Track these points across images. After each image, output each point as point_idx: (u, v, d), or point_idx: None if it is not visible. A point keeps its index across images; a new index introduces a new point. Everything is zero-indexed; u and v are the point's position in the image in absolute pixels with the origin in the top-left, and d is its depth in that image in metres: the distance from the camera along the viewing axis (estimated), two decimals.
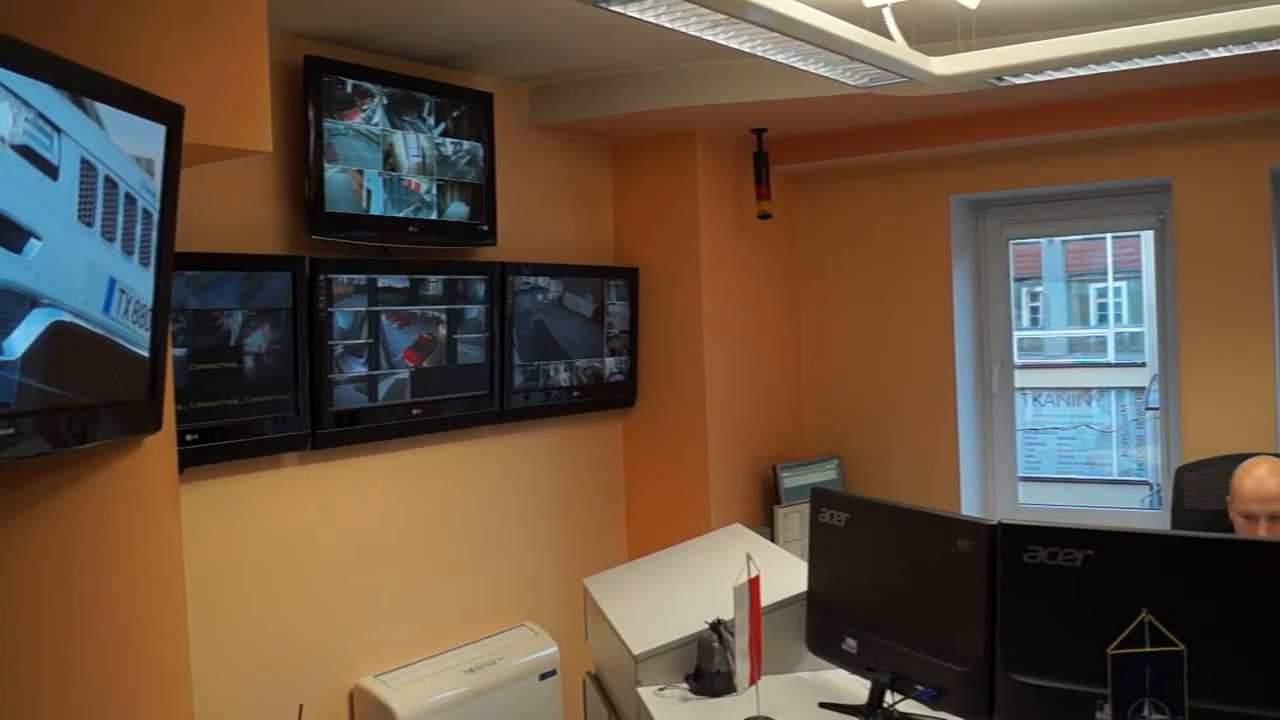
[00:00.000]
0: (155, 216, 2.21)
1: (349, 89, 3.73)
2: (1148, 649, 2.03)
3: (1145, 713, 2.04)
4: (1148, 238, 5.19)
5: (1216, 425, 4.61)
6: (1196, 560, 2.31)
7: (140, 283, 2.18)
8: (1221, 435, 4.43)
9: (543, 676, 4.31)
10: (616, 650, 3.23)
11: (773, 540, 4.91)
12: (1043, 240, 7.83)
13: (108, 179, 2.02)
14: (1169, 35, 2.90)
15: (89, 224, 1.97)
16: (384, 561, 4.04)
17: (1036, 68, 3.10)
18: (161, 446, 2.48)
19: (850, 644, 2.87)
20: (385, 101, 3.84)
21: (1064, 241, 8.60)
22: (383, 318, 3.89)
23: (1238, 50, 2.97)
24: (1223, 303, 4.66)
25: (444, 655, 4.15)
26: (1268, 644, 2.17)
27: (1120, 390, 8.67)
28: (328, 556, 3.85)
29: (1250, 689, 2.17)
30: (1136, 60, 3.05)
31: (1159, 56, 3.02)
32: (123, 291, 2.11)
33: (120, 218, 2.08)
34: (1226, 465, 3.74)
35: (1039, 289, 9.14)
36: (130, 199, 2.11)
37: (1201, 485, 3.83)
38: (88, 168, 1.95)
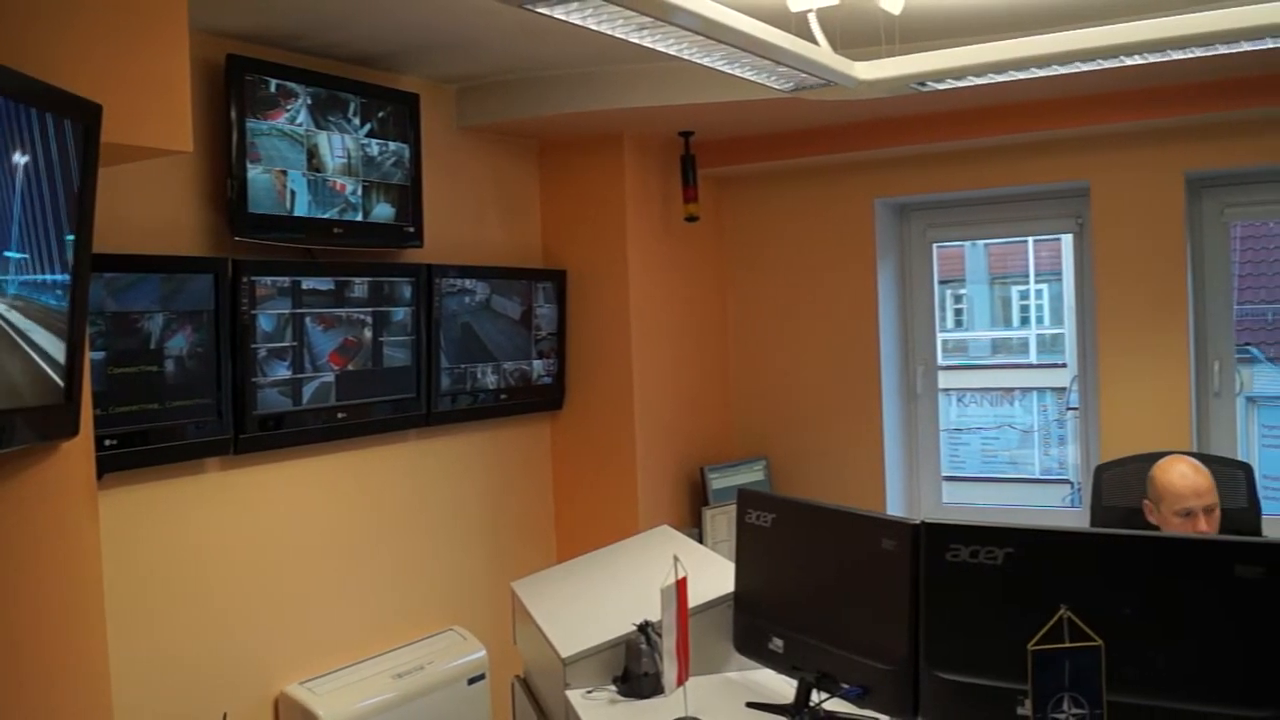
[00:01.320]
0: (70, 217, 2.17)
1: (272, 89, 3.69)
2: (1067, 645, 2.06)
3: (1065, 707, 2.07)
4: (1067, 241, 5.29)
5: (1133, 424, 4.71)
6: (1114, 557, 2.35)
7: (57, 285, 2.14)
8: (1138, 434, 4.52)
9: (471, 681, 4.29)
10: (545, 653, 3.23)
11: (701, 541, 4.93)
12: (966, 243, 7.95)
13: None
14: (1086, 43, 2.96)
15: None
16: (309, 567, 3.99)
17: (958, 73, 3.14)
18: (79, 452, 2.43)
19: (777, 644, 2.89)
20: (309, 101, 3.80)
21: (987, 244, 8.73)
22: (307, 320, 3.85)
23: (1152, 58, 3.04)
24: (1139, 304, 4.75)
25: (371, 661, 4.12)
26: (1182, 639, 2.22)
27: (1042, 391, 8.83)
28: (252, 562, 3.80)
29: (1166, 683, 2.21)
30: (1055, 67, 3.11)
31: (1077, 63, 3.08)
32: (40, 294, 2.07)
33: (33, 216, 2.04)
34: (1144, 463, 3.82)
35: (963, 291, 9.27)
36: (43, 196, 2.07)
37: (1119, 483, 3.90)
38: None
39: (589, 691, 3.03)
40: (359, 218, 3.99)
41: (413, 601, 4.40)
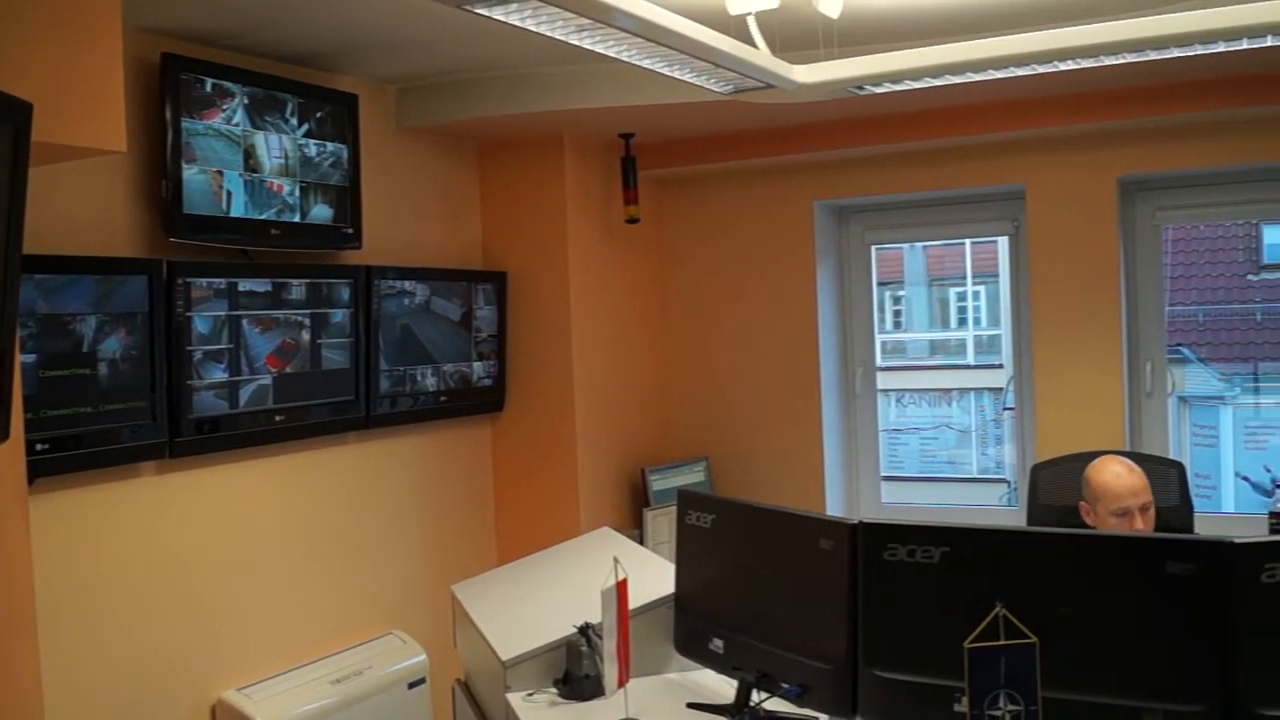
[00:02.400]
0: None
1: (208, 88, 3.64)
2: (1002, 642, 2.09)
3: (1001, 704, 2.10)
4: (1004, 243, 5.35)
5: (1068, 424, 4.77)
6: (1049, 556, 2.39)
7: None
8: (1073, 434, 4.58)
9: (411, 685, 4.26)
10: (485, 656, 3.22)
11: (642, 543, 4.94)
12: (904, 245, 8.02)
13: None
14: (1021, 48, 3.00)
15: None
16: (247, 572, 3.95)
17: (895, 77, 3.17)
18: (9, 456, 2.39)
19: (717, 644, 2.90)
20: (246, 101, 3.76)
21: (925, 247, 8.81)
22: (244, 322, 3.81)
23: (1086, 63, 3.08)
24: (1073, 306, 4.82)
25: (310, 666, 4.08)
26: (1116, 636, 2.26)
27: (979, 391, 8.90)
28: (188, 568, 3.75)
29: (1100, 679, 2.25)
30: (991, 71, 3.14)
31: (1012, 68, 3.12)
32: None
33: None
34: (1078, 462, 3.87)
35: (901, 293, 9.33)
36: None
37: (1055, 482, 3.96)
38: None
39: (529, 694, 3.02)
40: (297, 219, 3.95)
41: (352, 606, 4.36)
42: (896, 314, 9.43)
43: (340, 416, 4.22)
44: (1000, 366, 6.17)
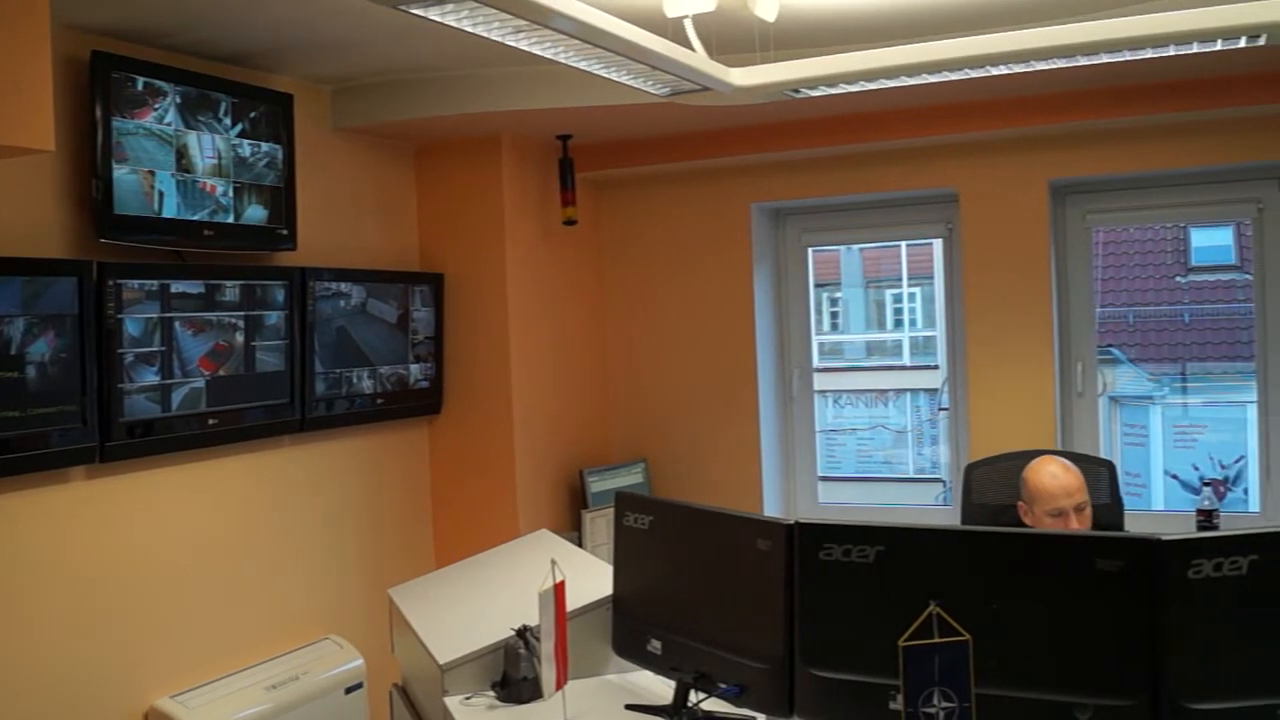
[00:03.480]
0: None
1: (139, 87, 3.59)
2: (936, 640, 2.11)
3: (935, 701, 2.12)
4: (938, 245, 5.41)
5: (1001, 424, 4.84)
6: (981, 553, 2.42)
7: None
8: (1006, 433, 4.65)
9: (349, 690, 4.23)
10: (422, 660, 3.20)
11: (581, 545, 4.94)
12: (841, 247, 8.08)
13: None
14: (954, 53, 3.03)
15: None
16: (181, 577, 3.90)
17: (831, 80, 3.20)
18: None
19: (655, 645, 2.90)
20: (179, 100, 3.71)
21: (861, 249, 8.89)
22: (176, 324, 3.76)
23: (1018, 68, 3.13)
24: (1005, 308, 4.89)
25: (245, 672, 4.04)
26: (1047, 632, 2.29)
27: (915, 392, 9.00)
28: (120, 574, 3.69)
29: (1032, 675, 2.28)
30: (925, 75, 3.18)
31: (945, 72, 3.15)
32: None
33: None
34: (1011, 461, 3.92)
35: (838, 294, 9.42)
36: None
37: (989, 481, 4.00)
38: None
39: (467, 698, 3.01)
40: (230, 219, 3.91)
41: (288, 611, 4.32)
42: (833, 315, 9.51)
43: (275, 420, 4.17)
44: (936, 367, 6.24)
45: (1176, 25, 2.82)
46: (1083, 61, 3.08)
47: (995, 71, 3.15)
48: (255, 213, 4.00)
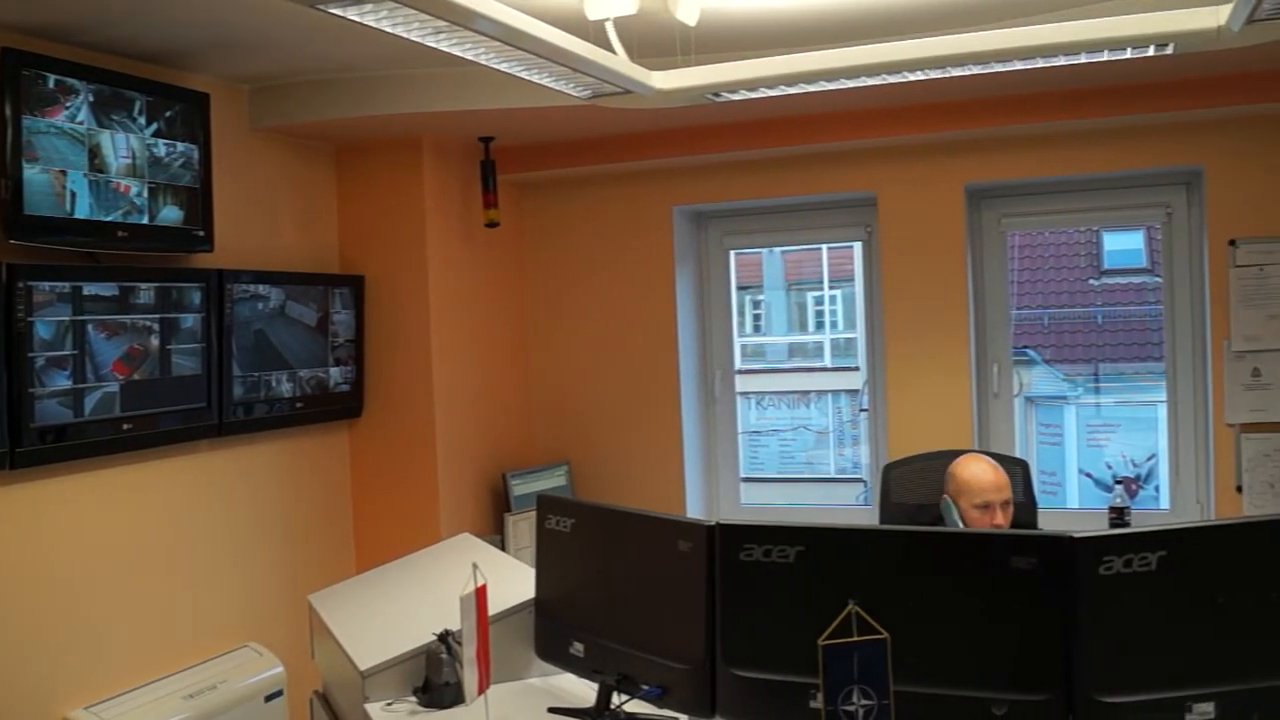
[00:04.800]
0: None
1: (51, 84, 3.51)
2: (855, 639, 2.14)
3: (854, 699, 2.14)
4: (858, 248, 5.47)
5: (919, 425, 4.91)
6: (899, 553, 2.46)
7: None
8: (924, 434, 4.72)
9: (269, 698, 4.18)
10: (343, 667, 3.17)
11: (504, 548, 4.92)
12: (763, 250, 8.13)
13: None
14: (870, 58, 3.08)
15: None
16: (95, 585, 3.82)
17: (751, 84, 3.22)
18: None
19: (578, 648, 2.90)
20: (92, 99, 3.64)
21: (783, 251, 8.95)
22: (89, 327, 3.68)
23: (934, 74, 3.17)
24: (923, 310, 4.96)
25: (162, 681, 3.97)
26: (964, 629, 2.33)
27: (836, 393, 9.07)
28: (32, 582, 3.61)
29: (949, 671, 2.32)
30: (843, 80, 3.22)
31: (863, 77, 3.20)
32: None
33: None
34: (928, 462, 3.99)
35: (761, 297, 9.46)
36: None
37: (906, 481, 4.06)
38: None
39: (389, 704, 2.99)
40: (145, 220, 3.84)
41: (206, 618, 4.25)
42: (756, 318, 9.55)
43: (192, 424, 4.11)
44: (856, 369, 6.29)
45: (1087, 34, 2.88)
46: (997, 68, 3.14)
47: (912, 77, 3.20)
48: (171, 214, 3.94)
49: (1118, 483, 4.99)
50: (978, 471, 3.64)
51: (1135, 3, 3.33)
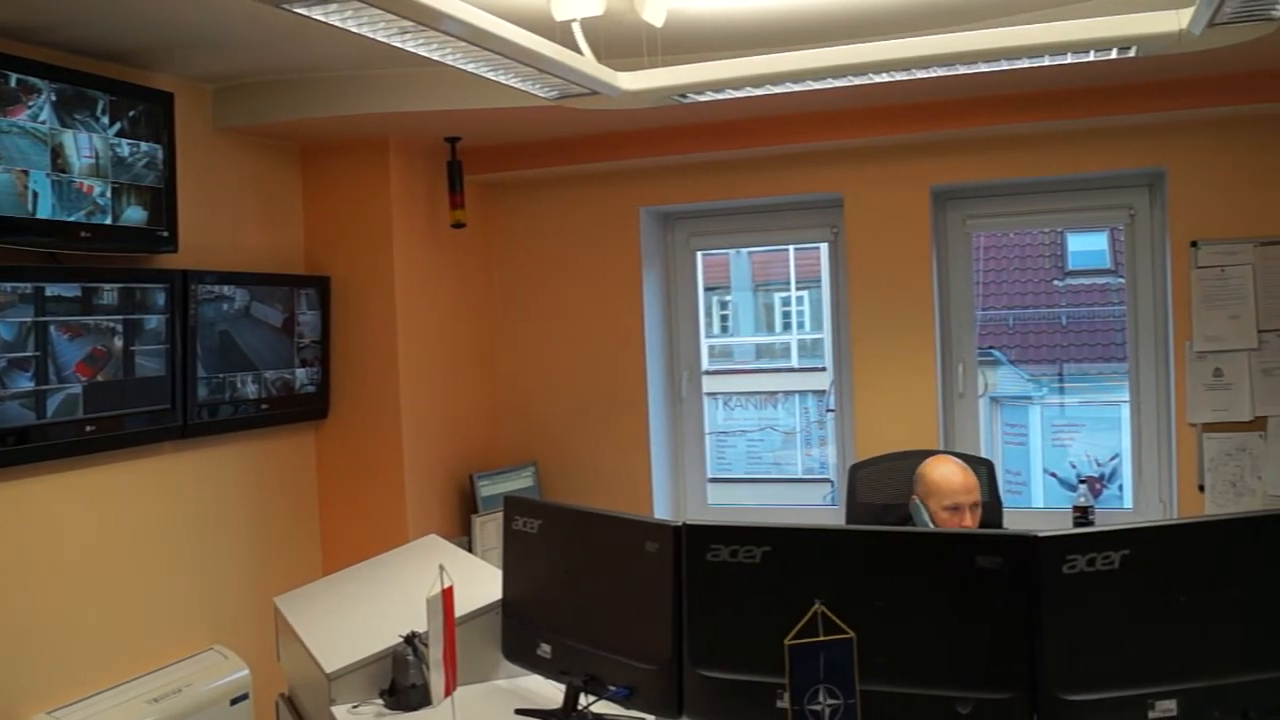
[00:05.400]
0: None
1: (12, 83, 3.48)
2: (821, 638, 2.14)
3: (821, 699, 2.15)
4: (824, 249, 5.49)
5: (885, 425, 4.93)
6: (865, 552, 2.47)
7: None
8: (890, 434, 4.74)
9: (234, 701, 4.15)
10: (309, 669, 3.16)
11: (471, 549, 4.91)
12: (730, 251, 8.14)
13: None
14: (836, 60, 3.09)
15: None
16: (59, 589, 3.78)
17: (717, 86, 3.23)
18: None
19: (545, 649, 2.90)
20: (54, 98, 3.61)
21: (750, 252, 8.97)
22: (51, 329, 3.65)
23: (900, 76, 3.19)
24: (889, 311, 4.99)
25: (126, 685, 3.94)
26: (929, 629, 2.34)
27: (803, 394, 9.10)
28: None
29: (915, 670, 2.33)
30: (809, 82, 3.23)
31: (829, 79, 3.21)
32: None
33: None
34: (894, 462, 4.01)
35: (728, 298, 9.48)
36: None
37: (873, 481, 4.08)
38: None
39: (355, 706, 2.98)
40: (108, 221, 3.81)
41: (171, 621, 4.22)
42: (723, 318, 9.57)
43: (156, 426, 4.08)
44: (823, 369, 6.32)
45: (1050, 37, 2.90)
46: (962, 70, 3.16)
47: (877, 79, 3.22)
48: (134, 214, 3.91)
49: (1082, 482, 5.04)
50: (947, 473, 3.66)
51: (1101, 7, 3.37)
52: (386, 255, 4.87)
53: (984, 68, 3.13)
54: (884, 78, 3.21)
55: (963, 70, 3.16)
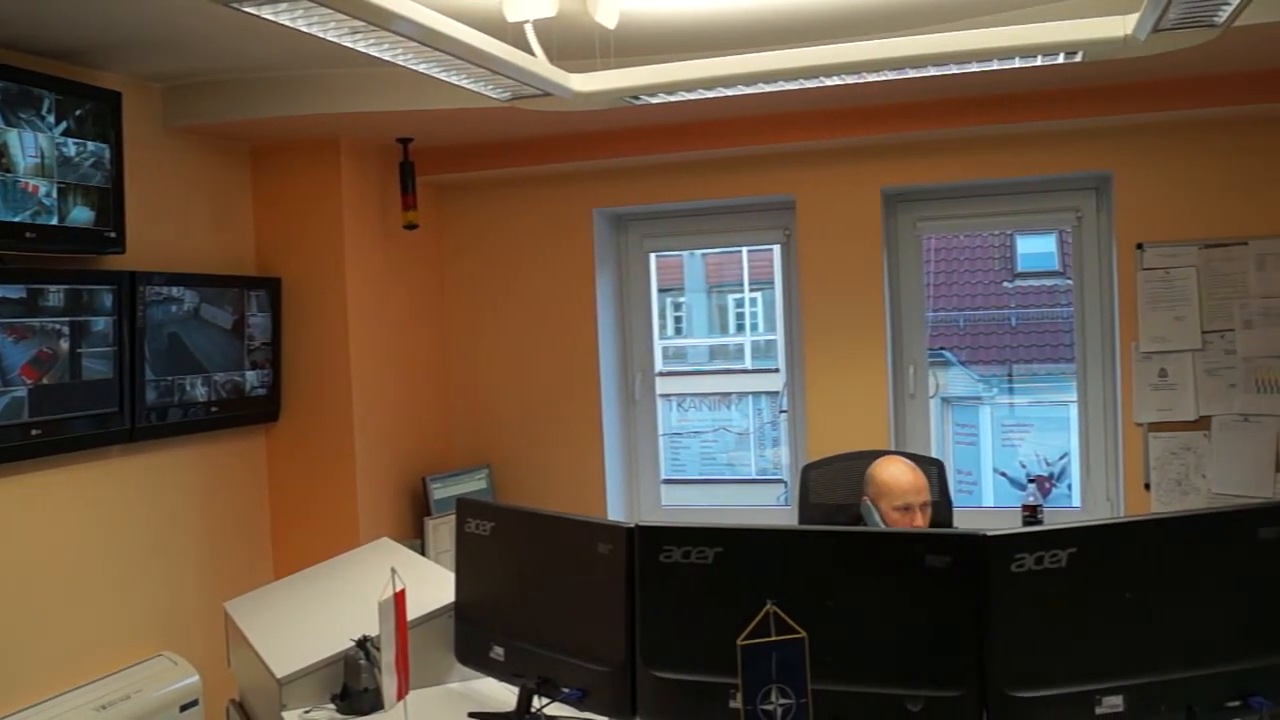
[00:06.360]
0: None
1: None
2: (773, 638, 2.15)
3: (773, 698, 2.16)
4: (777, 251, 5.51)
5: (837, 425, 4.96)
6: (815, 552, 2.48)
7: None
8: (842, 435, 4.77)
9: (184, 708, 4.11)
10: (260, 675, 3.13)
11: (424, 552, 4.89)
12: (684, 253, 8.17)
13: None
14: (788, 63, 3.10)
15: None
16: (2, 594, 3.73)
17: (670, 88, 3.23)
18: None
19: (498, 652, 2.90)
20: None
21: (704, 254, 9.00)
22: None
23: (849, 79, 3.21)
24: (841, 312, 5.02)
25: (73, 693, 3.89)
26: (880, 628, 2.36)
27: (757, 395, 9.14)
28: None
29: (866, 669, 2.35)
30: (761, 84, 3.24)
31: (781, 81, 3.22)
32: None
33: None
34: (847, 462, 4.03)
35: (682, 299, 9.50)
36: None
37: (825, 481, 4.10)
38: None
39: (307, 711, 2.96)
40: (54, 221, 3.76)
41: (119, 627, 4.17)
42: (677, 320, 9.59)
43: (103, 430, 4.03)
44: (777, 371, 6.35)
45: (998, 41, 2.93)
46: (911, 74, 3.18)
47: (828, 82, 3.23)
48: (81, 214, 3.86)
49: (1031, 481, 5.08)
50: (897, 474, 3.69)
51: (1050, 11, 3.41)
52: (338, 256, 4.84)
53: (933, 72, 3.16)
54: (834, 81, 3.23)
55: (912, 74, 3.18)
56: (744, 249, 8.24)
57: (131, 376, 4.10)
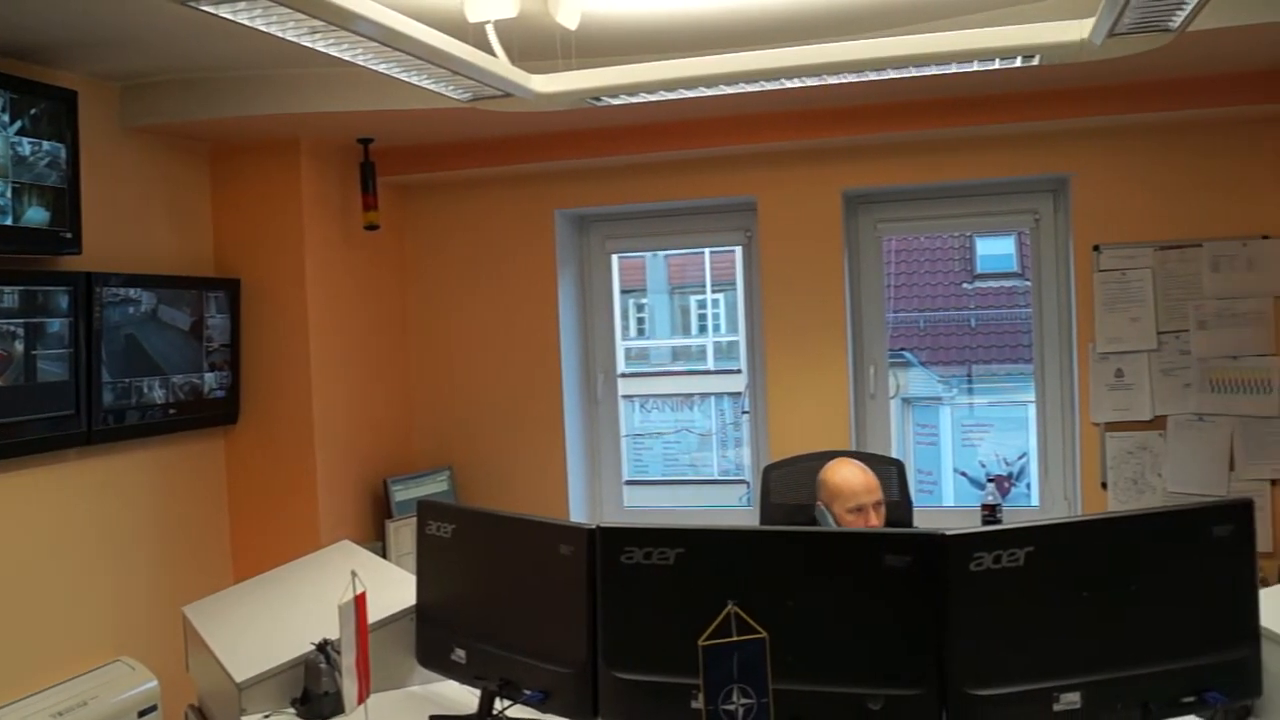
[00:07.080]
0: None
1: None
2: (734, 639, 2.16)
3: (734, 698, 2.16)
4: (739, 252, 5.53)
5: (798, 426, 4.98)
6: (776, 553, 2.49)
7: None
8: (803, 435, 4.79)
9: (142, 714, 4.08)
10: (219, 679, 3.11)
11: (385, 555, 4.87)
12: (646, 254, 8.17)
13: None
14: (748, 65, 3.11)
15: None
16: None
17: (631, 89, 3.24)
18: None
19: (459, 654, 2.89)
20: None
21: (666, 255, 9.01)
22: None
23: (810, 81, 3.22)
24: (802, 313, 5.04)
25: (28, 700, 3.84)
26: (840, 627, 2.38)
27: (720, 396, 9.15)
28: None
29: (827, 668, 2.36)
30: (722, 86, 3.25)
31: (741, 84, 3.23)
32: None
33: None
34: (808, 463, 4.05)
35: (644, 300, 9.51)
36: None
37: (786, 482, 4.12)
38: None
39: (267, 715, 2.94)
40: (8, 222, 3.71)
41: (76, 633, 4.13)
42: (639, 321, 9.59)
43: (59, 432, 3.98)
44: (739, 372, 6.37)
45: (956, 45, 2.95)
46: (872, 76, 3.20)
47: (789, 83, 3.25)
48: (36, 214, 3.82)
49: (990, 481, 5.12)
50: (848, 476, 3.70)
51: (1011, 15, 3.44)
52: (298, 257, 4.81)
53: (892, 74, 3.18)
54: (794, 83, 3.25)
55: (872, 77, 3.20)
56: (706, 250, 8.24)
57: (88, 379, 4.06)
